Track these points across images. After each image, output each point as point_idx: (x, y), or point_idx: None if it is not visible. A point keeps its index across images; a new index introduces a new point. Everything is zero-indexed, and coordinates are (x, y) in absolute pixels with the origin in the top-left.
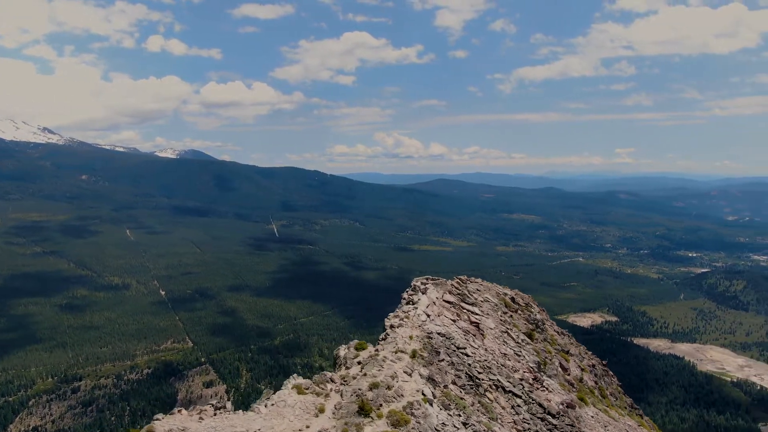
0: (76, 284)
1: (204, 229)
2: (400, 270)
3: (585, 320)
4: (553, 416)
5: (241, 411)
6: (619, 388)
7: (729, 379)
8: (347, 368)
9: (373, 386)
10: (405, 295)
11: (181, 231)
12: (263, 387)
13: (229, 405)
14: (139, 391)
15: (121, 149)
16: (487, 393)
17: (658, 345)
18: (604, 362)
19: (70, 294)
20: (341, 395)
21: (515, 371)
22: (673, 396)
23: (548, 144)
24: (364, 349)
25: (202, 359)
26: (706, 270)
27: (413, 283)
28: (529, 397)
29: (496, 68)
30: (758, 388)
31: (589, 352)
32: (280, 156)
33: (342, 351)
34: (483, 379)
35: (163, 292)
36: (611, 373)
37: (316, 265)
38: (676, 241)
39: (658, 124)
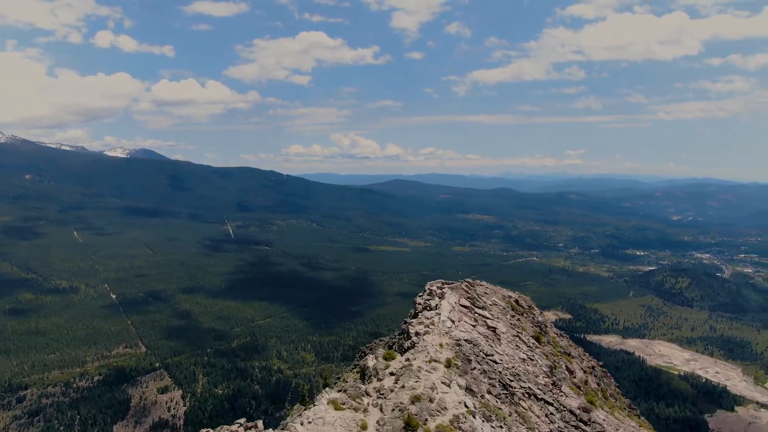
0: (20, 288)
1: (157, 230)
2: (358, 270)
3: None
4: (585, 423)
5: (271, 430)
6: (617, 389)
7: (676, 372)
8: (379, 380)
9: (416, 399)
10: (420, 300)
11: (133, 232)
12: (220, 391)
13: (260, 424)
14: (90, 398)
15: (68, 148)
16: (521, 402)
17: (610, 341)
18: (600, 363)
19: (14, 298)
20: (381, 409)
21: (536, 377)
22: (624, 390)
23: (502, 145)
24: (393, 359)
25: (156, 364)
26: (653, 268)
27: (428, 287)
28: (560, 404)
29: (451, 70)
30: (703, 380)
31: (587, 354)
32: (235, 156)
33: (371, 361)
34: (515, 387)
35: (113, 296)
36: (609, 374)
37: (273, 266)
38: (624, 240)
39: (606, 126)
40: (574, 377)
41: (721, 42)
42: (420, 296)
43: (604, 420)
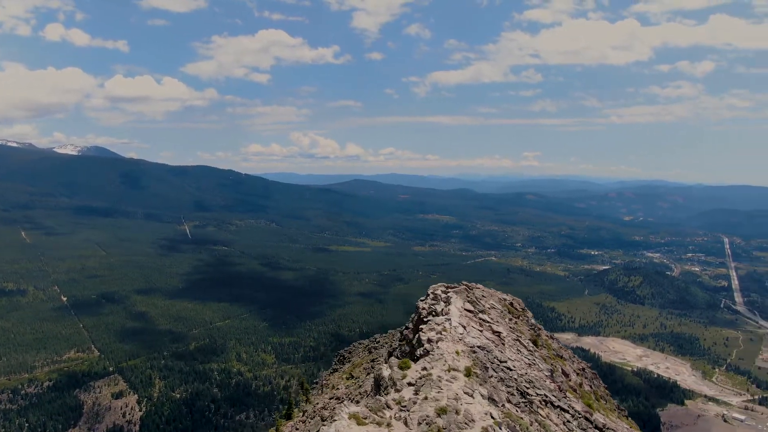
0: None
1: (110, 230)
2: (319, 271)
3: None
4: (600, 430)
5: None
6: (606, 390)
7: (630, 368)
8: (397, 390)
9: (441, 411)
10: (424, 305)
11: (85, 232)
12: (178, 395)
13: None
14: (39, 405)
15: (15, 144)
16: (539, 410)
17: (567, 339)
18: (589, 365)
19: None
20: (405, 423)
21: (544, 382)
22: None
23: (460, 146)
24: (408, 368)
25: (110, 368)
26: (606, 267)
27: (432, 291)
28: (575, 411)
29: (411, 71)
30: (655, 376)
31: (576, 356)
32: (191, 154)
33: (386, 371)
34: (532, 395)
35: (64, 298)
36: (598, 376)
37: (232, 266)
38: (579, 240)
39: (561, 129)
40: (570, 380)
41: (670, 49)
42: (423, 300)
43: (604, 424)
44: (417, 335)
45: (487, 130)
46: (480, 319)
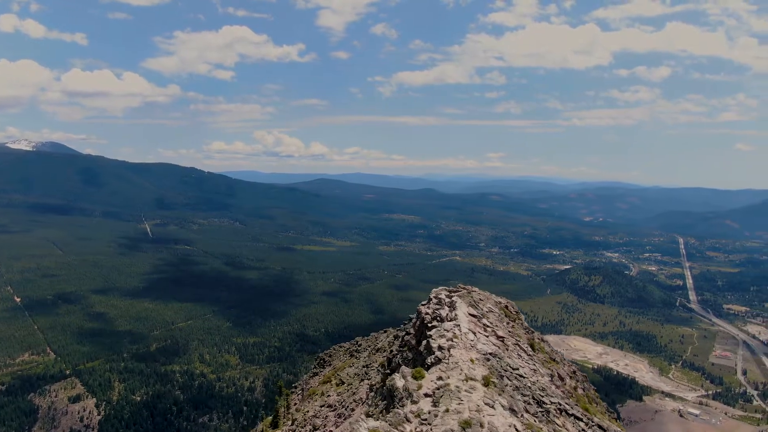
0: None
1: (67, 229)
2: (283, 270)
3: None
4: None
5: None
6: (595, 393)
7: (590, 366)
8: (414, 402)
9: (465, 425)
10: (427, 310)
11: (40, 231)
12: (138, 398)
13: None
14: None
15: None
16: (555, 419)
17: None
18: (578, 367)
19: None
20: None
21: (552, 388)
22: None
23: (426, 146)
24: (422, 378)
25: (67, 371)
26: (568, 267)
27: (435, 295)
28: (589, 419)
29: (376, 71)
30: (615, 373)
31: (566, 359)
32: (152, 151)
33: (399, 382)
34: (547, 403)
35: (18, 298)
36: (587, 378)
37: (195, 265)
38: (541, 240)
39: (524, 131)
40: (565, 384)
41: (629, 54)
42: (425, 305)
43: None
44: (426, 342)
45: (452, 131)
46: (483, 324)
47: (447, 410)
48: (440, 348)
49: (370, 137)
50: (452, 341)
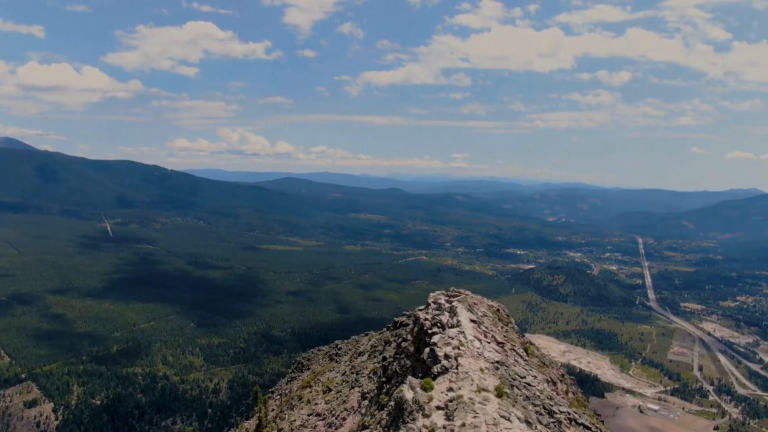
0: None
1: (23, 227)
2: (249, 270)
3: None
4: None
5: None
6: (583, 396)
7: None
8: (426, 416)
9: None
10: (426, 315)
11: None
12: (98, 402)
13: None
14: None
15: None
16: (566, 429)
17: None
18: (566, 370)
19: None
20: None
21: (558, 396)
22: None
23: (392, 146)
24: (432, 389)
25: (23, 375)
26: (532, 266)
27: (434, 300)
28: (598, 428)
29: (343, 70)
30: (578, 370)
31: (554, 362)
32: (112, 148)
33: (408, 393)
34: (557, 413)
35: None
36: (575, 381)
37: (157, 265)
38: (505, 239)
39: (489, 132)
40: (557, 388)
41: (591, 58)
42: (424, 310)
43: None
44: (430, 350)
45: (418, 131)
46: (483, 330)
47: (463, 424)
48: (447, 356)
49: (337, 136)
50: (459, 349)
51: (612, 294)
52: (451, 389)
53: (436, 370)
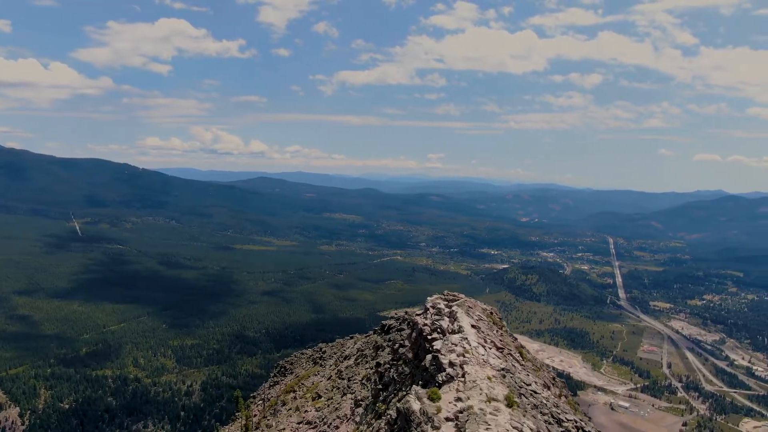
0: None
1: None
2: (222, 270)
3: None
4: None
5: None
6: (572, 398)
7: None
8: (435, 428)
9: None
10: (425, 320)
11: None
12: (67, 406)
13: None
14: None
15: None
16: None
17: None
18: (556, 374)
19: None
20: None
21: (561, 402)
22: None
23: (367, 146)
24: (439, 399)
25: None
26: (505, 266)
27: (433, 304)
28: None
29: (318, 69)
30: (551, 369)
31: (545, 365)
32: (81, 146)
33: (415, 404)
34: (565, 421)
35: None
36: (566, 384)
37: (128, 265)
38: (479, 239)
39: (463, 132)
40: (550, 392)
41: (564, 61)
42: (422, 315)
43: None
44: (434, 357)
45: (393, 131)
46: (483, 334)
47: None
48: (452, 364)
49: (311, 136)
50: (464, 356)
51: (584, 293)
52: (459, 399)
53: (440, 378)
